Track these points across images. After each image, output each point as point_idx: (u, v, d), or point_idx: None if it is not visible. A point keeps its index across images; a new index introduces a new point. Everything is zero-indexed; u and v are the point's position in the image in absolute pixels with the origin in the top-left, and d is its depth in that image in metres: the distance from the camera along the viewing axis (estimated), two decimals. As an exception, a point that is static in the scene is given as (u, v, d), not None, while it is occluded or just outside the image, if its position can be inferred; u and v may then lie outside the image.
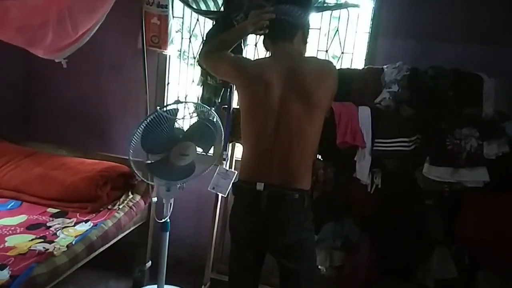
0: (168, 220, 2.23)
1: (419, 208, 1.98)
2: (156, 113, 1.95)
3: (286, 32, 1.59)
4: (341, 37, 2.60)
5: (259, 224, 1.52)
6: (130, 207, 2.41)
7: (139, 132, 1.95)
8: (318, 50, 2.68)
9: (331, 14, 2.61)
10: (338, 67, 2.60)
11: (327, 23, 2.64)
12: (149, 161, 2.04)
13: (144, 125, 1.95)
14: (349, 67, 2.55)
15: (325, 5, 2.44)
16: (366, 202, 2.05)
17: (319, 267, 2.13)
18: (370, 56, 2.45)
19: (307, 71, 1.51)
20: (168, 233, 2.26)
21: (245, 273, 1.65)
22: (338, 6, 2.47)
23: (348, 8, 2.49)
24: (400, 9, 2.35)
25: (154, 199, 2.48)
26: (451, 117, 1.85)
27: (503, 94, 1.89)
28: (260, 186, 1.48)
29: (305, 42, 1.66)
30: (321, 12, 2.53)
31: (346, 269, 2.09)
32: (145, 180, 2.21)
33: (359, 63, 2.56)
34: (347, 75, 2.18)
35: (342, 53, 2.64)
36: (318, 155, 2.19)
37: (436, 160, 1.83)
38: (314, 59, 1.67)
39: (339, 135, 2.03)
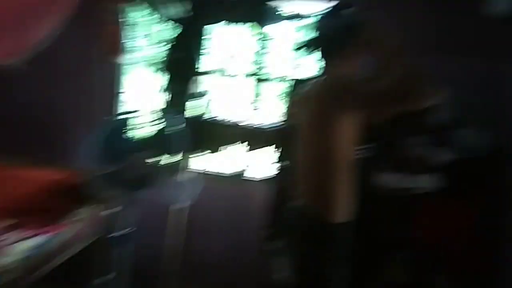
0: (128, 231, 2.17)
1: (376, 214, 2.02)
2: (113, 122, 1.91)
3: (327, 49, 1.49)
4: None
5: None
6: (88, 219, 2.33)
7: (95, 141, 1.90)
8: (279, 60, 2.72)
9: (298, 25, 2.65)
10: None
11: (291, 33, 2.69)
12: (106, 171, 1.99)
13: (101, 134, 1.91)
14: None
15: (285, 15, 2.47)
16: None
17: (278, 275, 2.13)
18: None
19: (319, 92, 1.47)
20: (128, 244, 2.19)
21: None
22: (298, 17, 2.52)
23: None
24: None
25: (114, 210, 2.40)
26: (407, 124, 1.92)
27: (453, 103, 1.99)
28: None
29: (350, 57, 1.48)
30: (283, 22, 2.57)
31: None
32: (103, 191, 2.14)
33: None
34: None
35: (302, 63, 2.68)
36: (280, 163, 2.20)
37: (392, 167, 1.88)
38: (327, 79, 1.51)
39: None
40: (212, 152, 2.40)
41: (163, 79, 2.55)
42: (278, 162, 2.21)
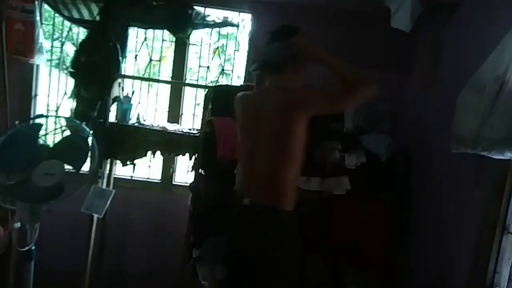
0: (33, 248, 1.99)
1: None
2: (15, 128, 1.76)
3: (274, 70, 1.69)
4: (226, 54, 2.70)
5: None
6: (-12, 235, 2.11)
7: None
8: (200, 66, 2.72)
9: (219, 32, 2.68)
10: (220, 83, 2.68)
11: (212, 40, 2.71)
12: (8, 183, 1.81)
13: (1, 141, 1.74)
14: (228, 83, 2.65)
15: (205, 22, 2.48)
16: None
17: (202, 282, 2.11)
18: (249, 74, 2.56)
19: (278, 103, 1.62)
20: (33, 262, 2.01)
21: None
22: (218, 24, 2.54)
23: (229, 27, 2.59)
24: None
25: (17, 225, 2.19)
26: (318, 131, 2.01)
27: (360, 110, 2.14)
28: None
29: (298, 72, 1.70)
30: (203, 29, 2.58)
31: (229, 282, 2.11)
32: (3, 204, 1.95)
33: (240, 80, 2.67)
34: (226, 91, 2.25)
35: (223, 70, 2.71)
36: (200, 169, 2.19)
37: (307, 171, 1.96)
38: (287, 91, 1.68)
39: (219, 149, 2.07)
40: (129, 159, 2.31)
41: (74, 83, 2.41)
42: (199, 167, 2.19)
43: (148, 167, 2.74)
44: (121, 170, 2.57)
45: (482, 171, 1.65)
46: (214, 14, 2.53)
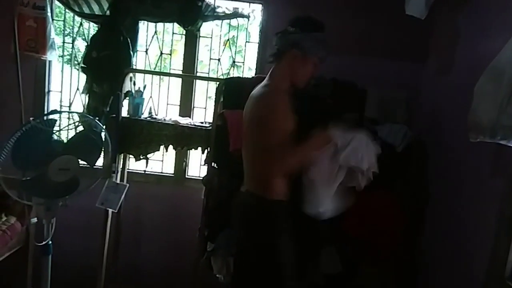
0: (50, 242, 2.02)
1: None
2: (29, 124, 1.77)
3: (271, 59, 1.74)
4: (237, 46, 2.67)
5: None
6: (4, 231, 2.17)
7: (10, 146, 1.74)
8: (211, 58, 2.70)
9: (229, 24, 2.66)
10: (231, 75, 2.66)
11: (222, 32, 2.69)
12: (24, 178, 1.84)
13: (16, 138, 1.75)
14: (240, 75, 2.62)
15: (215, 14, 2.46)
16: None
17: (217, 275, 2.11)
18: (260, 65, 2.53)
19: (253, 104, 1.71)
20: (50, 256, 2.04)
21: None
22: (228, 16, 2.52)
23: (239, 18, 2.56)
24: (286, 21, 2.46)
25: (34, 220, 2.23)
26: (332, 122, 1.98)
27: (374, 100, 2.10)
28: None
29: (292, 63, 1.70)
30: (214, 21, 2.56)
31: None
32: (20, 199, 1.98)
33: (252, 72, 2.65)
34: (238, 83, 2.23)
35: (234, 62, 2.69)
36: (213, 163, 2.18)
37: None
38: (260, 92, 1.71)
39: (232, 143, 2.06)
40: (142, 153, 2.31)
41: (86, 79, 2.42)
42: (212, 161, 2.19)
43: (161, 161, 2.75)
44: (134, 165, 2.58)
45: (501, 160, 1.61)
46: (224, 5, 2.51)
